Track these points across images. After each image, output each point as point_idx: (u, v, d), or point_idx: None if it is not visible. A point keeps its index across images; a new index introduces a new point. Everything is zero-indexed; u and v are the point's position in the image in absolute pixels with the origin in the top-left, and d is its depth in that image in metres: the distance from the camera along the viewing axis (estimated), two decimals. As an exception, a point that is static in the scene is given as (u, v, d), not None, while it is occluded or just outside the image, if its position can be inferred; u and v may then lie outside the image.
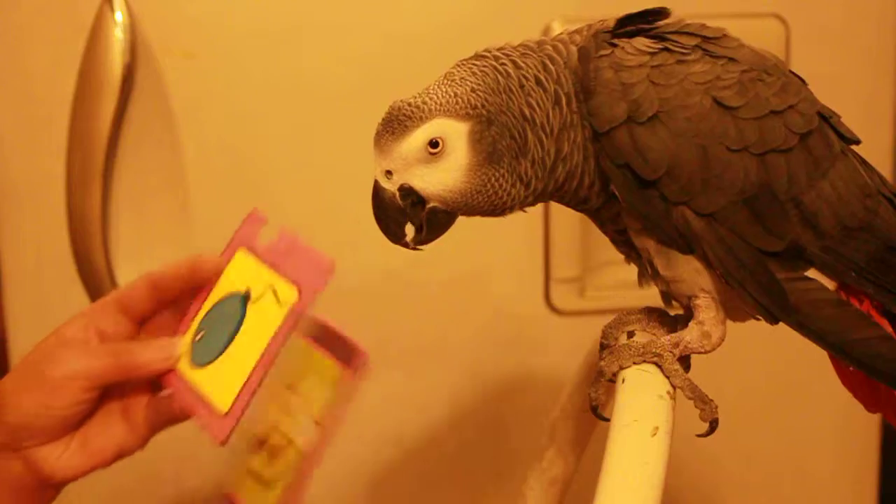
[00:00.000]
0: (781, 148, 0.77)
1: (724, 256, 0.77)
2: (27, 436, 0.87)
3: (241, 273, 0.89)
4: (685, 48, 0.77)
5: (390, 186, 0.79)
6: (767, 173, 0.76)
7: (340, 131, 1.38)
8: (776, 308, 0.78)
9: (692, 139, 0.75)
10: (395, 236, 0.81)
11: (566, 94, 0.78)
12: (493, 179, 0.78)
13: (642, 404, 0.75)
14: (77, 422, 0.89)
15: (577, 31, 0.82)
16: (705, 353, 0.81)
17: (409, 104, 0.78)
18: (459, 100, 0.77)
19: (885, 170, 0.92)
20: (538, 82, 0.78)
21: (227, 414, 0.82)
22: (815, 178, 0.78)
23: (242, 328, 0.86)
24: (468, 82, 0.78)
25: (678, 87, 0.76)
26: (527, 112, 0.78)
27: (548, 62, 0.79)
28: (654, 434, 0.71)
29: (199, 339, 0.89)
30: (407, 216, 0.80)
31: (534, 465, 1.02)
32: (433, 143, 0.77)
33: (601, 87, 0.77)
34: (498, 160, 0.77)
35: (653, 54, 0.77)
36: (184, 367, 0.88)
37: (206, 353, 0.87)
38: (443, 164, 0.77)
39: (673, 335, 0.81)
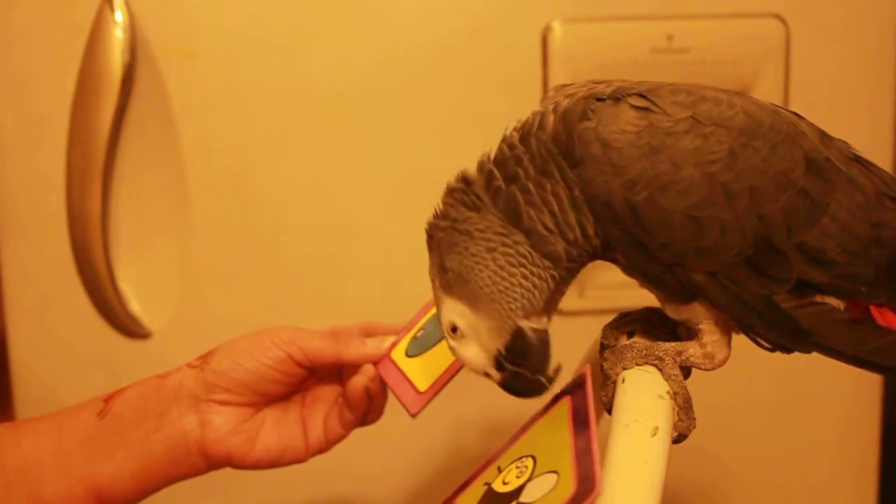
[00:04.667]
0: (776, 206, 0.76)
1: (729, 302, 0.77)
2: (221, 385, 0.96)
3: None
4: (671, 119, 0.76)
5: (494, 372, 0.82)
6: (766, 230, 0.76)
7: (341, 132, 1.38)
8: (790, 341, 0.78)
9: (684, 211, 0.75)
10: (539, 390, 0.82)
11: (523, 168, 0.78)
12: (505, 294, 0.79)
13: (642, 404, 0.75)
14: (266, 395, 0.99)
15: (572, 95, 0.80)
16: (706, 370, 0.81)
17: None
18: (434, 284, 0.81)
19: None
20: (464, 193, 0.79)
21: (423, 392, 0.98)
22: (816, 217, 0.77)
23: None
24: (434, 261, 0.81)
25: (668, 162, 0.75)
26: (468, 228, 0.79)
27: (505, 148, 0.79)
28: (654, 434, 0.71)
29: (419, 335, 1.04)
30: (521, 372, 0.82)
31: (534, 465, 1.02)
32: (453, 330, 0.81)
33: (591, 161, 0.76)
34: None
35: (638, 133, 0.75)
36: (399, 356, 1.03)
37: (419, 347, 1.03)
38: (475, 329, 0.80)
39: (678, 343, 0.81)
